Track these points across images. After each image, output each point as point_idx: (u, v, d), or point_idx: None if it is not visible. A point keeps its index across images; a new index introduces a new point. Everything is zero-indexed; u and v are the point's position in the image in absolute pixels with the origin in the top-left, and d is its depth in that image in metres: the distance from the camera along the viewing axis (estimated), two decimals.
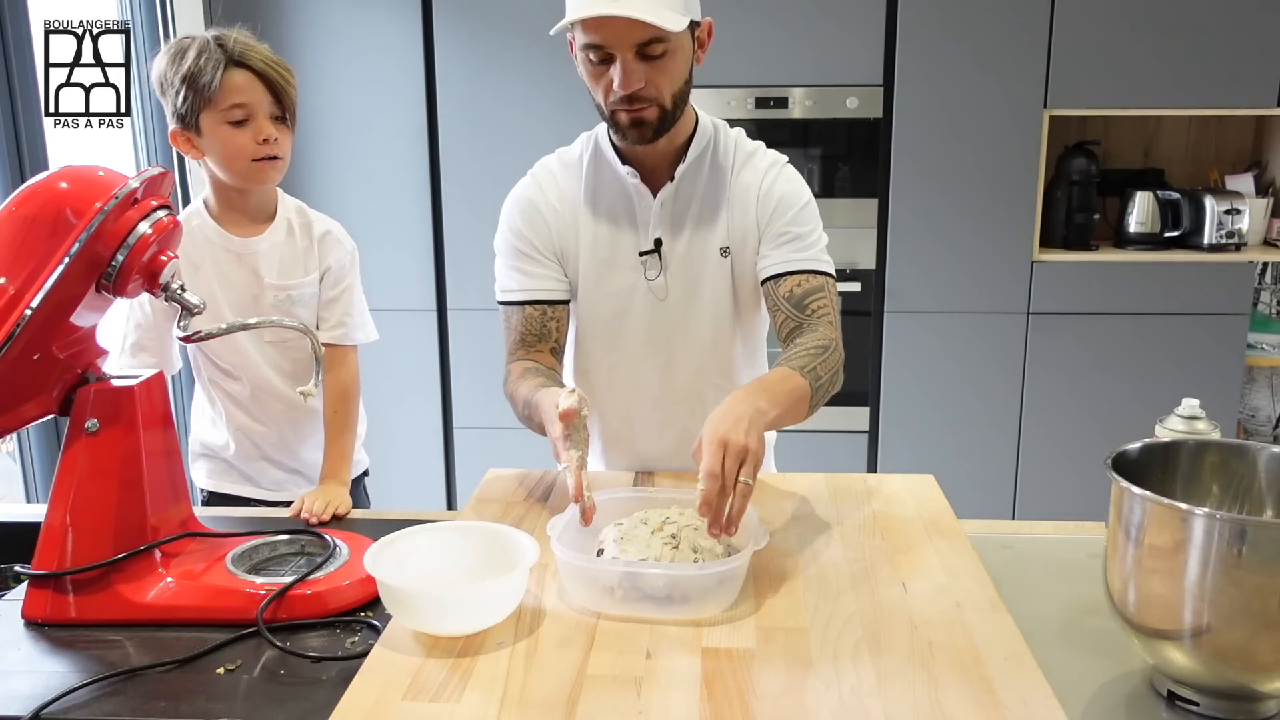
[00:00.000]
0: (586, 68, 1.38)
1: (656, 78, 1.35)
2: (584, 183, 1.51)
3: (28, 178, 1.44)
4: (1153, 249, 3.11)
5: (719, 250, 1.50)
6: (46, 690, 1.00)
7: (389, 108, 3.04)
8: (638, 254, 1.51)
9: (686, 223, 1.50)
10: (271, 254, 1.59)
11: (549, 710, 0.92)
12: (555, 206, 1.51)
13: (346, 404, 1.65)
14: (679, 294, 1.52)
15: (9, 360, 1.06)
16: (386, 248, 3.09)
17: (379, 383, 3.17)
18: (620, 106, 1.37)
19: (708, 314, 1.53)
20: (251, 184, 1.54)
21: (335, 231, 1.66)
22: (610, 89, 1.36)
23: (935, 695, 0.93)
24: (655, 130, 1.39)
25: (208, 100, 1.46)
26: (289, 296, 1.59)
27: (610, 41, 1.32)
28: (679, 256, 1.51)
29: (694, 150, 1.48)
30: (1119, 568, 0.96)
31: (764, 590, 1.15)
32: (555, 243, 1.52)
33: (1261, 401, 3.48)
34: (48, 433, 2.38)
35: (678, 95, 1.39)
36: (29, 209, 1.10)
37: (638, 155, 1.47)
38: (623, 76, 1.33)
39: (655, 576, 1.08)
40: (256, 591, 1.15)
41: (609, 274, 1.52)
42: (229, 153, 1.49)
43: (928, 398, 3.12)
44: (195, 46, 1.46)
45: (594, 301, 1.53)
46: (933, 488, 1.47)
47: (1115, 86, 2.93)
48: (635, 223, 1.50)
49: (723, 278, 1.51)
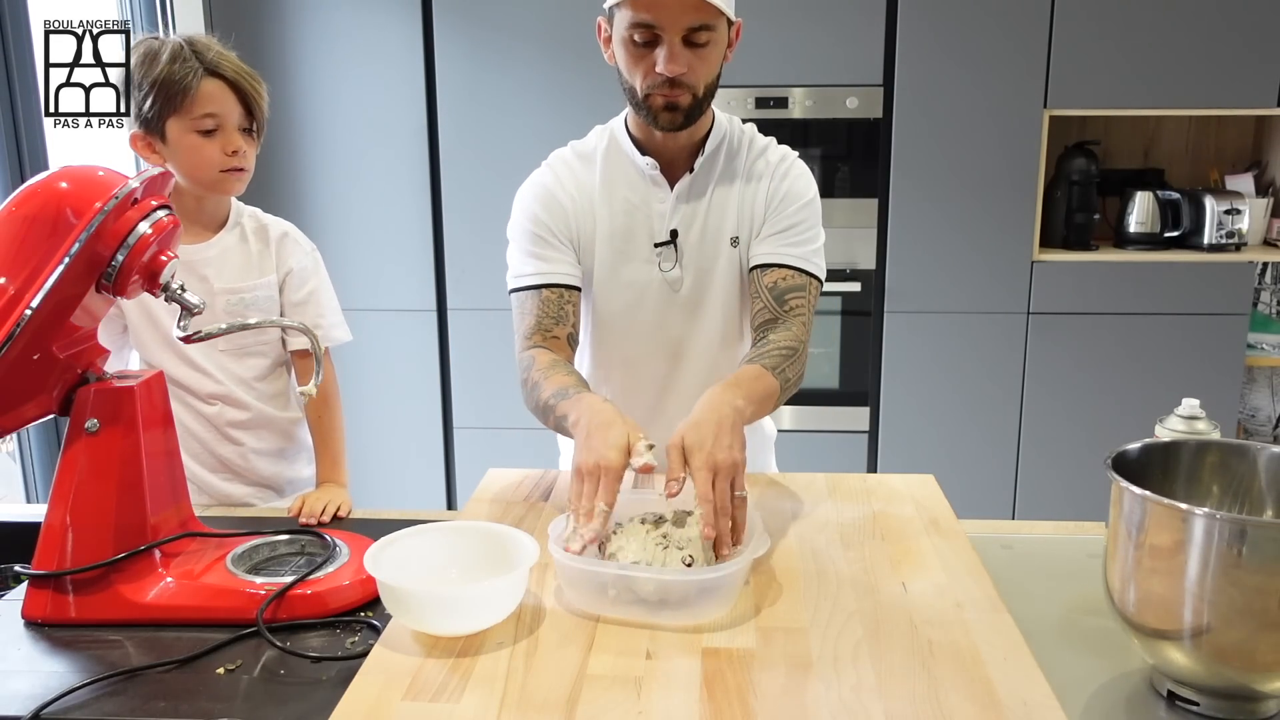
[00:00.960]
0: (628, 49, 1.39)
1: (697, 65, 1.38)
2: (599, 174, 1.52)
3: (28, 178, 1.44)
4: (1153, 249, 3.11)
5: (730, 240, 1.52)
6: (46, 690, 1.00)
7: (389, 108, 3.03)
8: (653, 245, 1.52)
9: (700, 214, 1.52)
10: (222, 259, 1.55)
11: (549, 710, 0.92)
12: (572, 194, 1.52)
13: (329, 407, 1.63)
14: (692, 285, 1.53)
15: (9, 360, 1.06)
16: (386, 248, 3.09)
17: (379, 383, 3.17)
18: (658, 90, 1.39)
19: (718, 305, 1.54)
20: (216, 194, 1.53)
21: (293, 234, 1.64)
22: (650, 71, 1.38)
23: (935, 695, 0.93)
24: (685, 117, 1.42)
25: (177, 107, 1.44)
26: (241, 300, 1.55)
27: (662, 22, 1.34)
28: (693, 247, 1.52)
29: (711, 143, 1.50)
30: (1119, 568, 0.96)
31: (764, 590, 1.15)
32: (572, 230, 1.52)
33: (1261, 401, 3.48)
34: (48, 433, 2.38)
35: (710, 87, 1.42)
36: (29, 209, 1.09)
37: (656, 147, 1.49)
38: (668, 59, 1.35)
39: (646, 580, 1.08)
40: (256, 591, 1.15)
41: (624, 265, 1.53)
42: (196, 162, 1.47)
43: (928, 398, 3.12)
44: (168, 51, 1.44)
45: (609, 293, 1.54)
46: (933, 488, 1.47)
47: (1115, 86, 2.93)
48: (651, 214, 1.52)
49: (732, 268, 1.53)
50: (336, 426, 1.64)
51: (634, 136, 1.51)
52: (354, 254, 3.08)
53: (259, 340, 1.59)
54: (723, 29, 1.39)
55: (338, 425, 1.65)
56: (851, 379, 3.14)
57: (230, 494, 1.61)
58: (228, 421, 1.58)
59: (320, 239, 3.14)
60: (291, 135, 3.04)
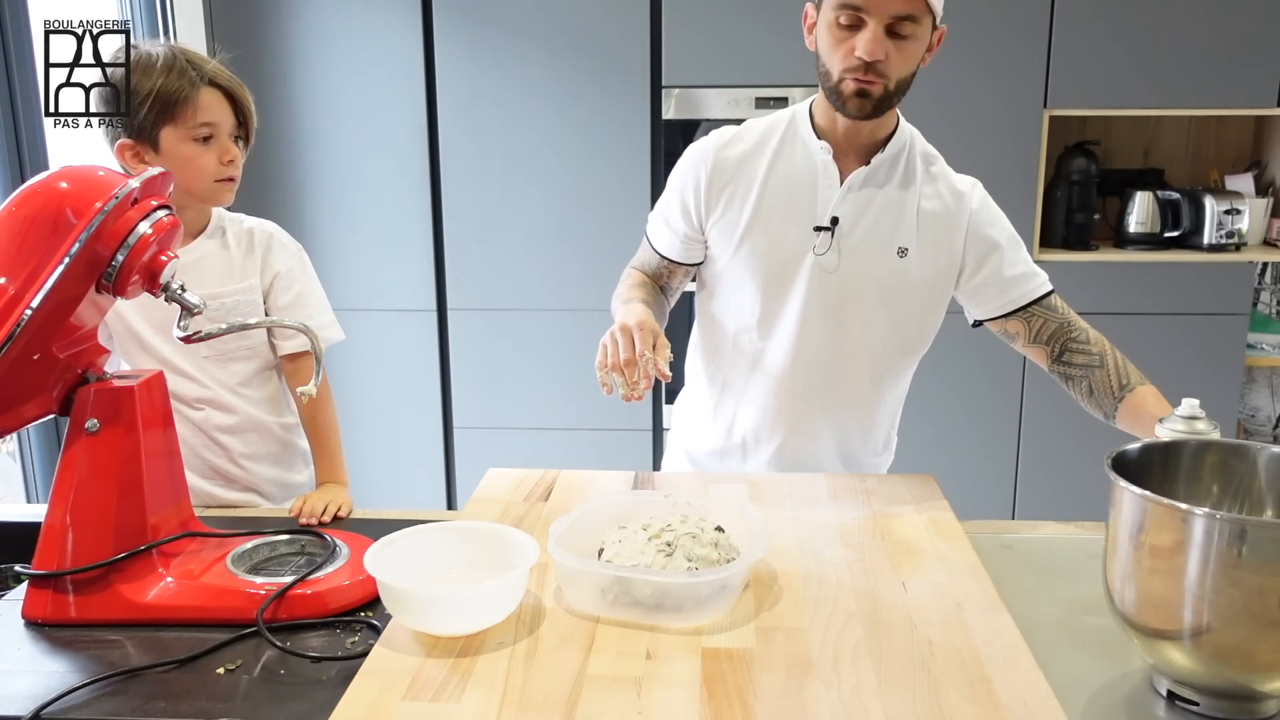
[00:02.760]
0: (831, 32, 1.41)
1: (895, 56, 1.40)
2: (770, 150, 1.54)
3: (28, 178, 1.44)
4: (1152, 249, 3.10)
5: (897, 250, 1.52)
6: (46, 690, 1.00)
7: (389, 108, 3.03)
8: (812, 228, 1.52)
9: (868, 213, 1.52)
10: (201, 264, 1.54)
11: (549, 710, 0.92)
12: (717, 165, 1.55)
13: (324, 408, 1.63)
14: (849, 275, 1.52)
15: (9, 360, 1.06)
16: (386, 248, 3.09)
17: (379, 383, 3.17)
18: (853, 74, 1.41)
19: (872, 305, 1.54)
20: (208, 204, 1.53)
21: (278, 235, 1.63)
22: (849, 55, 1.40)
23: (935, 695, 0.93)
24: (875, 107, 1.43)
25: (175, 116, 1.44)
26: (221, 305, 1.54)
27: (870, 6, 1.36)
28: (854, 244, 1.52)
29: (893, 146, 1.52)
30: (1119, 568, 0.96)
31: (764, 590, 1.15)
32: (703, 212, 1.56)
33: (1261, 401, 3.48)
34: (48, 433, 2.38)
35: (903, 82, 1.44)
36: (29, 209, 1.09)
37: (836, 139, 1.51)
38: (870, 42, 1.37)
39: (644, 583, 1.08)
40: (256, 591, 1.15)
41: (775, 241, 1.53)
42: (193, 171, 1.46)
43: (927, 398, 3.11)
44: (162, 61, 1.44)
45: (759, 264, 1.54)
46: (933, 488, 1.48)
47: (1115, 86, 2.93)
48: (816, 199, 1.52)
49: (895, 276, 1.53)
50: (332, 426, 1.64)
51: (815, 124, 1.52)
52: (354, 254, 3.08)
53: (241, 345, 1.58)
54: (926, 26, 1.41)
55: (333, 425, 1.64)
56: None
57: (224, 500, 1.60)
58: (215, 426, 1.58)
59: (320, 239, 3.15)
60: (291, 135, 3.04)
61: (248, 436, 1.61)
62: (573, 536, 1.16)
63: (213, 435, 1.58)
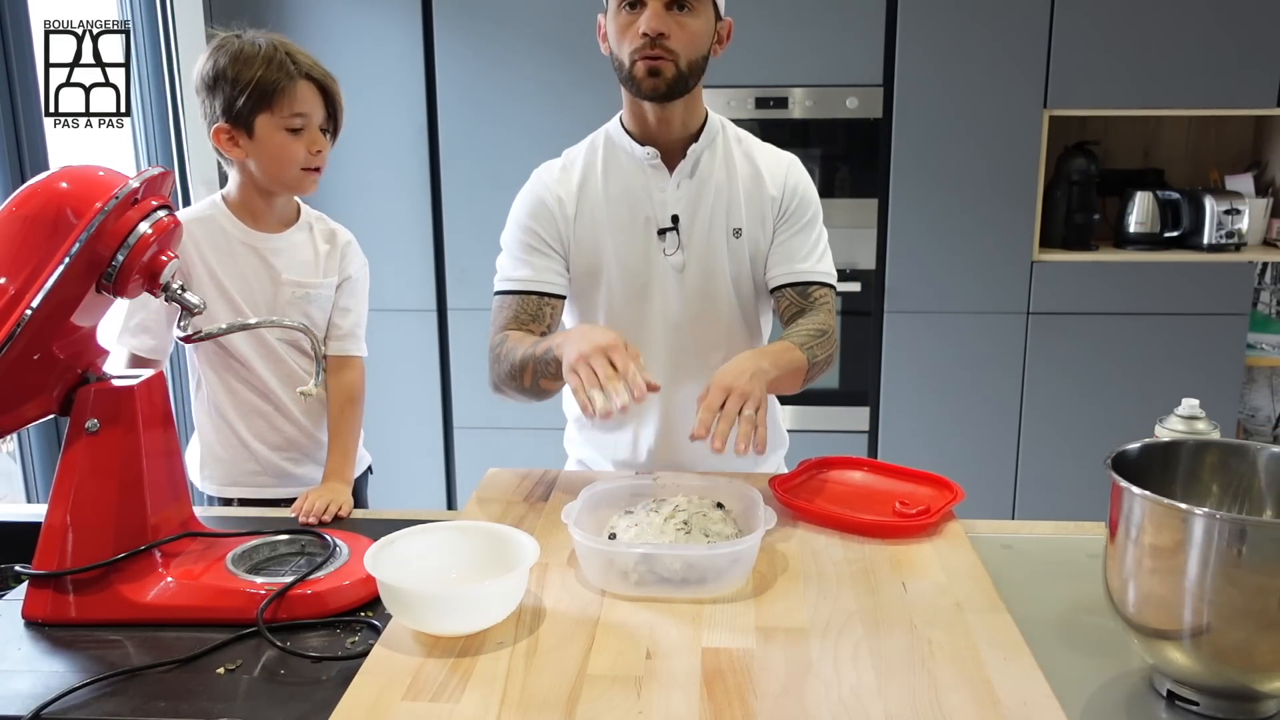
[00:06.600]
0: (617, 20, 1.46)
1: (679, 32, 1.43)
2: (598, 170, 1.57)
3: (28, 178, 1.44)
4: (1152, 249, 3.11)
5: (732, 231, 1.56)
6: (46, 690, 1.00)
7: (389, 109, 3.03)
8: (657, 232, 1.55)
9: (701, 203, 1.56)
10: (291, 252, 1.62)
11: (549, 710, 0.92)
12: (561, 199, 1.56)
13: (353, 406, 1.68)
14: (697, 272, 1.56)
15: (9, 360, 1.06)
16: (386, 248, 3.08)
17: (379, 383, 3.16)
18: (641, 54, 1.44)
19: (724, 294, 1.58)
20: (293, 191, 1.60)
21: (354, 243, 1.72)
22: (636, 35, 1.43)
23: (935, 695, 0.93)
24: (669, 86, 1.46)
25: (271, 105, 1.51)
26: (306, 295, 1.62)
27: None
28: (696, 234, 1.56)
29: (706, 135, 1.56)
30: (1119, 567, 0.96)
31: (764, 590, 1.15)
32: (563, 236, 1.56)
33: (1261, 401, 3.48)
34: (48, 433, 2.38)
35: (694, 63, 1.47)
36: (29, 209, 1.09)
37: (652, 137, 1.54)
38: (651, 17, 1.42)
39: (672, 558, 1.13)
40: (256, 591, 1.15)
41: (630, 255, 1.56)
42: (282, 158, 1.54)
43: (928, 398, 3.12)
44: (262, 53, 1.51)
45: (619, 284, 1.57)
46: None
47: (1115, 86, 2.93)
48: (653, 202, 1.55)
49: (736, 260, 1.57)
50: (355, 427, 1.69)
51: (629, 131, 1.56)
52: None
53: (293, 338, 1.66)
54: (707, 7, 1.45)
55: (356, 425, 1.69)
56: (852, 379, 3.14)
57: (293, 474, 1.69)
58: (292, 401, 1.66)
59: None
60: None
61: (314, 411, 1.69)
62: (584, 519, 1.22)
63: (291, 414, 1.66)
